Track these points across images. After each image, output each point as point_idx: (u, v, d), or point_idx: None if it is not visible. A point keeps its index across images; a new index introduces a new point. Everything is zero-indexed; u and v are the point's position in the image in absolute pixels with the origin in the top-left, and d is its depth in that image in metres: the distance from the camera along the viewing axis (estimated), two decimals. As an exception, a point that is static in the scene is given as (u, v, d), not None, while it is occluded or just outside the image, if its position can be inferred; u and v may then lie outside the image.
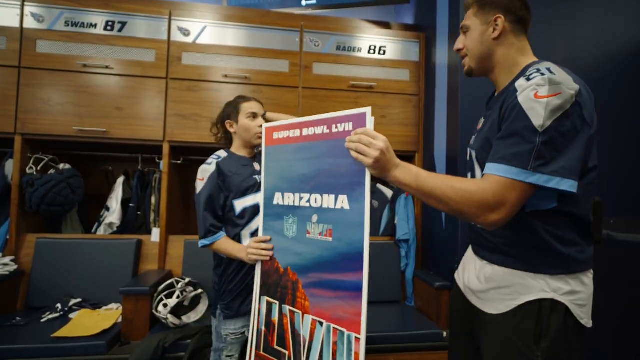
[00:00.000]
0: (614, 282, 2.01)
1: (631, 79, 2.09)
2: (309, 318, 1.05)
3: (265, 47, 2.32)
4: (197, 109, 2.25)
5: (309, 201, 1.07)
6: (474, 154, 1.01)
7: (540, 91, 0.79)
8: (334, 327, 1.01)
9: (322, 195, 1.05)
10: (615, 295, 2.01)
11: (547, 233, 0.88)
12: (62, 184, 2.11)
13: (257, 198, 1.39)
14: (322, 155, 1.04)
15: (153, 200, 2.31)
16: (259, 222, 1.34)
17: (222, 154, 1.45)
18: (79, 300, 1.98)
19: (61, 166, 2.21)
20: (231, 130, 1.46)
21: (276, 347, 1.12)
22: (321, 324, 1.03)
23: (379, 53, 2.43)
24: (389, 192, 2.52)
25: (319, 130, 1.06)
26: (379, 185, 2.58)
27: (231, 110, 1.46)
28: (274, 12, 2.54)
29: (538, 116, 0.78)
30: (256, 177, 1.42)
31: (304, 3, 2.68)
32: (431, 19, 2.38)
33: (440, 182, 0.86)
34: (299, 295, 1.08)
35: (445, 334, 1.85)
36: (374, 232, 2.50)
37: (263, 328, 1.15)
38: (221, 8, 2.45)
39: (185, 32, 2.26)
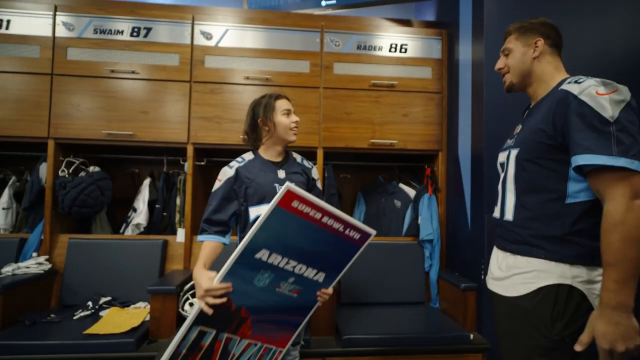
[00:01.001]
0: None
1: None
2: (245, 341, 1.21)
3: (286, 48, 2.34)
4: (220, 111, 2.28)
5: (294, 267, 1.18)
6: (513, 153, 1.09)
7: (599, 89, 0.91)
8: (265, 346, 1.26)
9: (307, 267, 1.20)
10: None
11: (574, 226, 0.96)
12: (92, 186, 2.18)
13: None
14: (327, 243, 1.19)
15: (178, 201, 2.36)
16: None
17: (248, 156, 1.45)
18: (108, 298, 2.04)
19: (91, 169, 2.28)
20: (265, 128, 1.43)
21: None
22: (255, 344, 1.24)
23: (400, 51, 2.40)
24: (411, 192, 2.48)
25: (336, 225, 1.17)
26: (402, 185, 2.55)
27: (263, 108, 1.43)
28: (294, 13, 2.56)
29: (606, 109, 0.89)
30: (276, 185, 1.40)
31: (323, 3, 2.68)
32: (454, 15, 2.33)
33: (621, 255, 0.84)
34: (244, 327, 1.20)
35: (472, 336, 1.81)
36: (396, 232, 2.47)
37: (184, 351, 1.15)
38: (242, 11, 2.48)
39: (208, 36, 2.30)
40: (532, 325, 0.98)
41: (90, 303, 1.98)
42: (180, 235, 2.25)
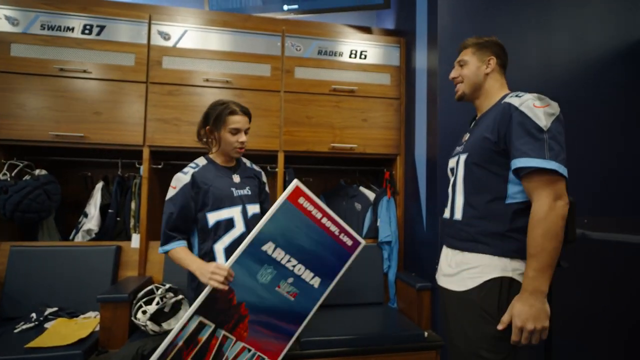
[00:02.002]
0: (590, 278, 2.07)
1: (604, 83, 2.17)
2: (240, 344, 1.23)
3: (247, 51, 2.32)
4: (178, 113, 2.23)
5: (294, 266, 1.27)
6: (462, 158, 1.20)
7: (536, 103, 1.04)
8: (258, 354, 1.26)
9: (306, 269, 1.28)
10: (587, 290, 2.07)
11: (513, 223, 1.07)
12: (38, 190, 2.05)
13: (233, 212, 1.38)
14: (326, 246, 1.30)
15: (133, 205, 2.28)
16: (232, 236, 1.36)
17: (201, 161, 1.44)
18: (55, 309, 1.92)
19: (37, 172, 2.15)
20: (211, 136, 1.44)
21: None
22: (249, 350, 1.25)
23: (360, 57, 2.46)
24: (371, 195, 2.54)
25: (333, 228, 1.30)
26: (362, 188, 2.60)
27: (215, 118, 1.40)
28: (255, 16, 2.55)
29: (541, 119, 1.02)
30: (233, 189, 1.41)
31: (285, 8, 2.69)
32: (411, 24, 2.42)
33: (540, 248, 0.98)
34: (241, 327, 1.24)
35: (426, 334, 1.87)
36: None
37: (180, 343, 1.18)
38: (202, 12, 2.44)
39: (166, 36, 2.24)
40: (480, 317, 1.07)
41: (33, 315, 1.86)
42: (135, 240, 2.17)
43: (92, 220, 2.21)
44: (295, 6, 2.69)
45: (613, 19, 2.20)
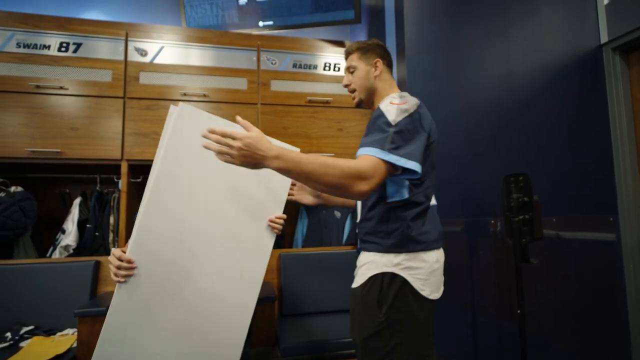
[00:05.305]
0: (561, 275, 2.16)
1: (561, 88, 2.31)
2: None
3: (224, 65, 2.39)
4: (156, 127, 2.26)
5: None
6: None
7: (394, 100, 1.11)
8: None
9: None
10: (560, 288, 2.16)
11: (397, 220, 1.13)
12: (13, 207, 2.04)
13: None
14: None
15: (112, 220, 2.27)
16: None
17: None
18: (31, 327, 1.89)
19: (12, 189, 2.13)
20: None
21: None
22: None
23: (334, 70, 2.55)
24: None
25: None
26: (341, 196, 2.66)
27: None
28: (231, 32, 2.63)
29: (392, 114, 1.07)
30: None
31: (261, 24, 2.78)
32: (381, 38, 2.53)
33: (317, 164, 0.97)
34: None
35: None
36: (337, 242, 2.55)
37: None
38: (179, 29, 2.50)
39: (143, 53, 2.29)
40: (364, 311, 1.13)
41: (9, 334, 1.82)
42: (114, 255, 2.16)
43: (69, 235, 2.20)
44: (271, 22, 2.78)
45: (567, 29, 2.36)
